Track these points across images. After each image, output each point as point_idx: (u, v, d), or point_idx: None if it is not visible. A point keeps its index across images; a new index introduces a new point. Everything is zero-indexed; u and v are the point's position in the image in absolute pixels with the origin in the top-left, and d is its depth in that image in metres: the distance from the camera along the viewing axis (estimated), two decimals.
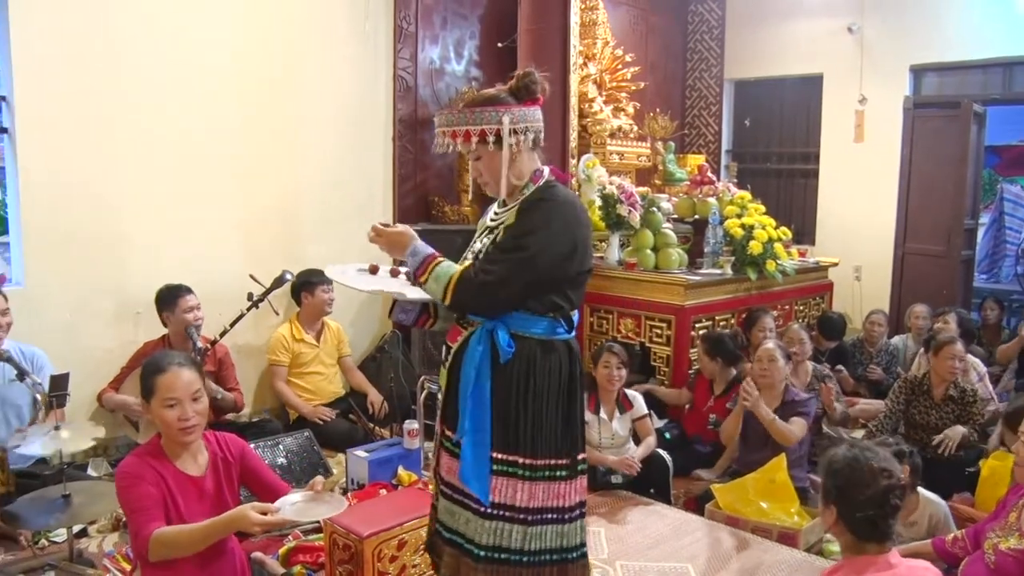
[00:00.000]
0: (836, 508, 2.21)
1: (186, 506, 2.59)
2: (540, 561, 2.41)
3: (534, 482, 2.38)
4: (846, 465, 2.20)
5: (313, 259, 5.14)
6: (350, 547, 2.99)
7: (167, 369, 2.59)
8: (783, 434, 4.16)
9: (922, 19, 6.87)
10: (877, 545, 2.18)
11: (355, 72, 5.48)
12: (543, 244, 2.31)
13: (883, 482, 2.14)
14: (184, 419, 2.56)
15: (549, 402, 2.39)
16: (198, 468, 2.67)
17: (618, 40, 6.56)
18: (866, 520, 2.15)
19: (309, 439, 4.14)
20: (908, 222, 7.04)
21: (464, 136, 2.37)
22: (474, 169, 2.48)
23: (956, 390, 4.51)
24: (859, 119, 7.20)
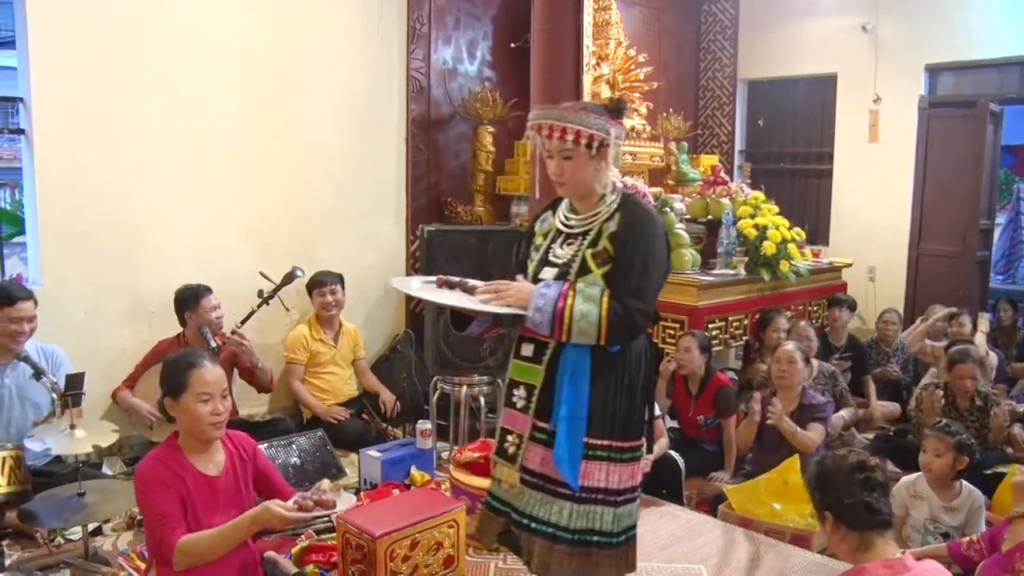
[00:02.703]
0: (829, 511, 2.26)
1: (204, 506, 2.61)
2: (626, 540, 2.58)
3: (622, 464, 2.52)
4: (819, 469, 2.34)
5: (326, 258, 5.16)
6: (363, 547, 2.99)
7: (200, 364, 2.64)
8: (804, 444, 4.16)
9: (937, 18, 6.82)
10: (880, 534, 2.20)
11: (368, 72, 5.49)
12: (659, 256, 2.49)
13: (854, 458, 2.26)
14: (216, 414, 2.62)
15: (637, 389, 2.54)
16: (216, 467, 2.70)
17: (631, 40, 6.55)
18: (859, 505, 2.20)
19: (322, 439, 4.16)
20: (923, 222, 7.00)
21: (563, 133, 2.43)
22: (556, 166, 2.51)
23: (980, 398, 4.51)
24: (873, 119, 7.15)
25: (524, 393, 2.60)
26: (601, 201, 2.53)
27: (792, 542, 3.78)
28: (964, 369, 4.48)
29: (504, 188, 5.99)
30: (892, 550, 2.20)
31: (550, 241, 2.61)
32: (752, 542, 3.82)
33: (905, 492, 3.67)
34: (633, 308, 2.40)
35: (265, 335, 4.99)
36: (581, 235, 2.53)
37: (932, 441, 3.60)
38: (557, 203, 2.70)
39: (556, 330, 2.41)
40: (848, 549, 2.24)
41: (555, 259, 2.55)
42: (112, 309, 4.49)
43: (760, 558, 3.68)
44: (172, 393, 2.64)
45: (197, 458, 2.65)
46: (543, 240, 2.64)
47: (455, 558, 3.24)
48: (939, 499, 3.58)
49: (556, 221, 2.63)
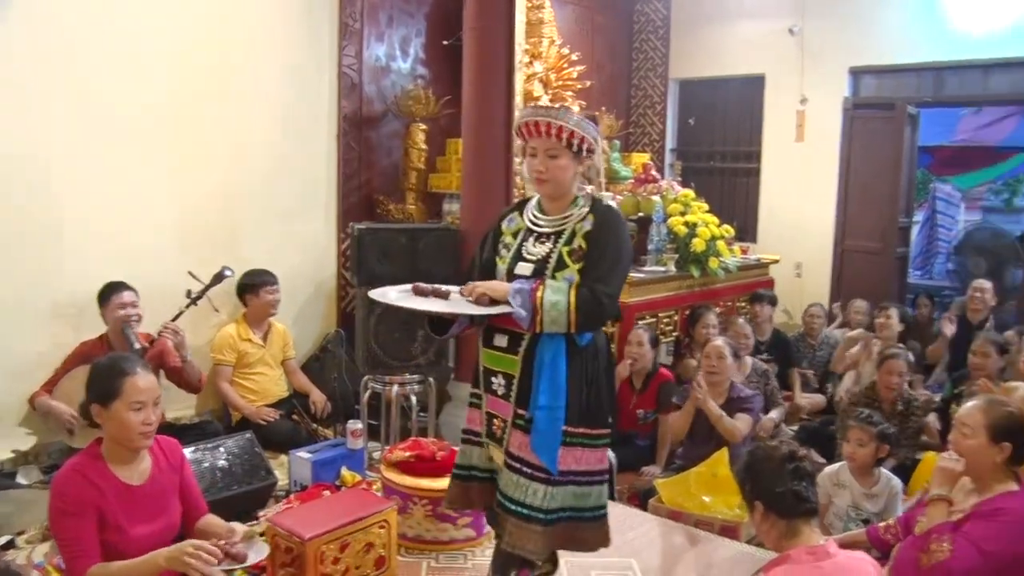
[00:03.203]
0: (760, 500, 2.31)
1: (126, 516, 2.53)
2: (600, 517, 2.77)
3: (592, 449, 2.70)
4: (751, 459, 2.41)
5: (255, 257, 5.07)
6: (292, 550, 2.96)
7: (134, 372, 2.56)
8: (730, 431, 4.23)
9: (859, 23, 7.02)
10: (807, 521, 2.27)
11: (299, 69, 5.41)
12: (627, 253, 2.69)
13: (785, 449, 2.33)
14: (147, 423, 2.54)
15: (605, 379, 2.72)
16: (140, 476, 2.62)
17: (564, 39, 6.58)
18: (789, 494, 2.25)
19: (251, 441, 4.08)
20: (847, 220, 7.21)
21: (560, 131, 2.55)
22: (540, 164, 2.61)
23: (903, 403, 4.60)
24: (800, 119, 7.33)
25: (503, 381, 2.72)
26: (573, 204, 2.68)
27: (721, 533, 3.85)
28: (894, 365, 4.56)
29: (436, 186, 5.97)
30: (817, 537, 2.26)
31: (521, 240, 2.73)
32: (682, 535, 3.87)
33: (828, 481, 3.78)
34: (600, 292, 2.53)
35: (193, 336, 4.87)
36: (554, 234, 2.67)
37: (855, 432, 3.72)
38: (522, 205, 2.83)
39: (532, 321, 2.53)
40: (776, 536, 2.29)
41: (529, 256, 2.68)
42: (29, 310, 4.33)
43: (690, 550, 3.73)
44: (101, 400, 2.54)
45: (120, 467, 2.57)
46: (513, 239, 2.76)
47: (387, 559, 3.22)
48: (860, 486, 3.70)
49: (525, 221, 2.76)
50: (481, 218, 4.62)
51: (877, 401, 4.64)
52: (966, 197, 12.21)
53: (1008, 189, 11.88)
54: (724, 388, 4.43)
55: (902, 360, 4.60)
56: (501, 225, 2.83)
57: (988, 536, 2.64)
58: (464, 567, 3.56)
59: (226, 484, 3.77)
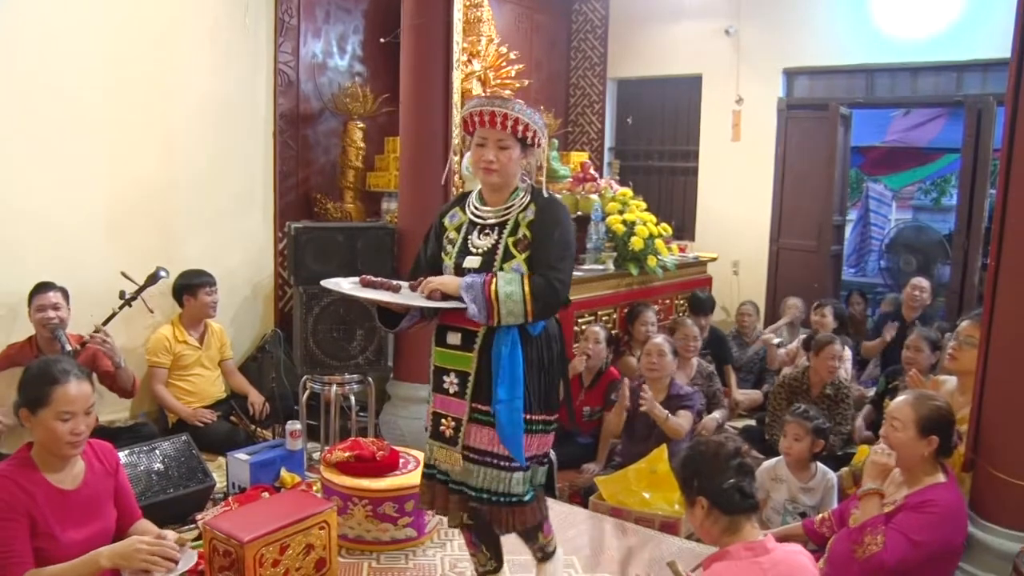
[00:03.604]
0: (705, 496, 2.32)
1: (59, 522, 2.47)
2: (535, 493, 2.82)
3: (545, 434, 2.77)
4: (694, 453, 2.41)
5: (191, 257, 4.97)
6: (230, 553, 2.92)
7: (65, 380, 2.48)
8: (674, 430, 4.28)
9: (794, 25, 7.15)
10: (748, 517, 2.30)
11: (234, 65, 5.32)
12: (573, 239, 2.70)
13: (731, 445, 2.35)
14: (76, 433, 2.47)
15: (559, 365, 2.78)
16: (73, 481, 2.56)
17: (503, 38, 6.59)
18: (734, 490, 2.28)
19: (187, 443, 4.00)
20: (782, 218, 7.34)
21: (514, 124, 2.58)
22: (491, 154, 2.61)
23: (832, 388, 4.73)
24: (736, 119, 7.44)
25: (456, 379, 2.74)
26: (514, 195, 2.70)
27: (661, 529, 3.89)
28: (832, 349, 4.70)
29: (374, 184, 5.92)
30: (756, 532, 2.29)
31: (465, 233, 2.74)
32: (622, 531, 3.91)
33: (766, 476, 3.85)
34: (552, 278, 2.57)
35: (128, 338, 4.78)
36: (497, 226, 2.68)
37: (792, 427, 3.80)
38: (462, 199, 2.83)
39: (489, 315, 2.55)
40: (717, 533, 2.32)
41: (475, 248, 2.69)
42: None
43: (631, 547, 3.77)
44: (30, 406, 2.48)
45: (52, 472, 2.51)
46: (456, 234, 2.76)
47: (327, 560, 3.20)
48: (797, 481, 3.78)
49: (467, 214, 2.76)
50: (419, 217, 4.60)
51: (806, 385, 4.79)
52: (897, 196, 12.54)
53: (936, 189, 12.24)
54: (664, 385, 4.48)
55: (837, 344, 4.76)
56: (443, 221, 2.83)
57: (917, 527, 2.72)
58: (405, 567, 3.55)
59: (162, 487, 3.70)
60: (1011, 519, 2.90)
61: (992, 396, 2.98)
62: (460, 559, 3.63)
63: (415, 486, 3.67)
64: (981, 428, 2.99)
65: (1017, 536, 2.83)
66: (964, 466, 3.05)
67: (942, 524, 2.73)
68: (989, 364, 2.98)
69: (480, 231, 2.71)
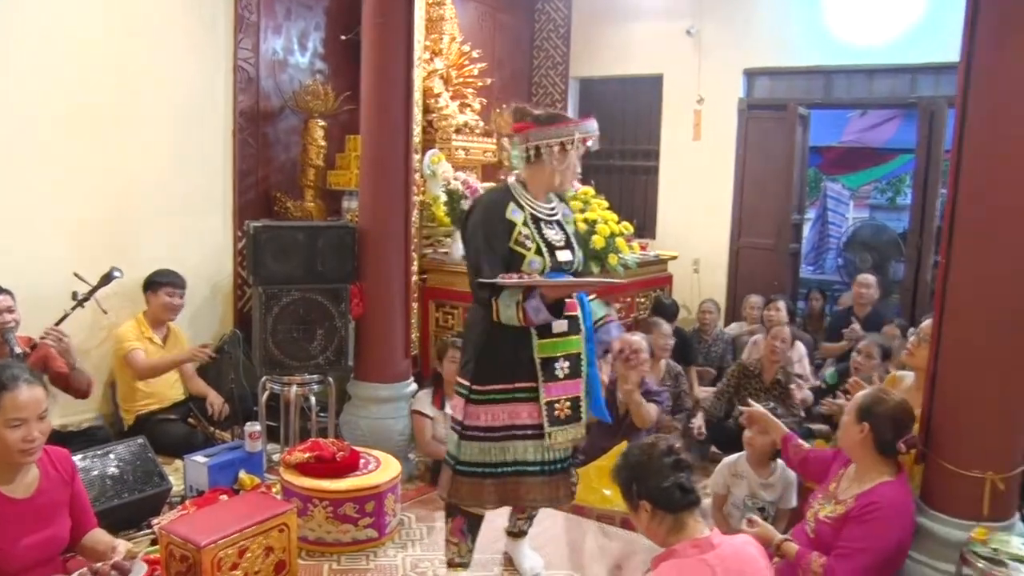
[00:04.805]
0: (647, 498, 2.33)
1: (11, 533, 2.42)
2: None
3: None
4: (630, 461, 2.43)
5: (147, 257, 4.90)
6: (187, 558, 2.88)
7: (14, 386, 2.40)
8: (643, 418, 4.36)
9: (754, 26, 7.23)
10: (691, 513, 2.32)
11: (193, 62, 5.24)
12: None
13: (662, 445, 2.38)
14: (29, 440, 2.40)
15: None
16: (26, 489, 2.50)
17: (465, 36, 6.58)
18: (674, 487, 2.30)
19: (143, 446, 3.94)
20: (742, 217, 7.42)
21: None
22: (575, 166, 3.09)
23: (783, 374, 4.87)
24: (697, 118, 7.49)
25: (567, 363, 3.03)
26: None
27: (622, 526, 3.92)
28: (780, 331, 4.97)
29: (335, 183, 5.88)
30: (702, 528, 2.31)
31: (535, 228, 3.00)
32: (584, 528, 3.93)
33: (727, 471, 3.90)
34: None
35: (81, 340, 4.69)
36: (556, 220, 3.08)
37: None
38: (506, 194, 3.05)
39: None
40: (664, 533, 2.33)
41: (557, 242, 3.04)
42: None
43: (593, 544, 3.80)
44: None
45: (2, 482, 2.45)
46: (526, 228, 2.97)
47: (287, 562, 3.18)
48: (757, 477, 3.82)
49: (527, 210, 3.01)
50: (380, 215, 4.58)
51: (758, 370, 4.96)
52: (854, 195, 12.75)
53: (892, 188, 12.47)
54: (638, 382, 4.52)
55: (787, 328, 5.02)
56: (509, 216, 2.97)
57: (861, 536, 2.79)
58: (367, 568, 3.54)
59: (116, 492, 3.64)
60: (959, 508, 2.96)
61: (942, 389, 3.04)
62: (421, 559, 3.63)
63: (376, 487, 3.68)
64: (932, 421, 3.04)
65: (964, 525, 2.89)
66: (916, 458, 3.11)
67: (886, 525, 2.79)
68: (940, 359, 3.04)
69: (546, 225, 3.03)
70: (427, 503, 4.18)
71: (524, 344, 2.97)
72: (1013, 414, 2.94)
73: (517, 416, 3.01)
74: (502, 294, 2.87)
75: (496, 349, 2.98)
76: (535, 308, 2.84)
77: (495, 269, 2.90)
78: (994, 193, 2.86)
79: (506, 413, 3.01)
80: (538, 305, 2.85)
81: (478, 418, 3.00)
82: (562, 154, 3.02)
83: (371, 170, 4.59)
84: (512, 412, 3.01)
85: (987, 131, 2.87)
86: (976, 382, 2.93)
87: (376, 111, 4.54)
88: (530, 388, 3.00)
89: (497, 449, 3.02)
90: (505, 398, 3.00)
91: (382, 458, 3.95)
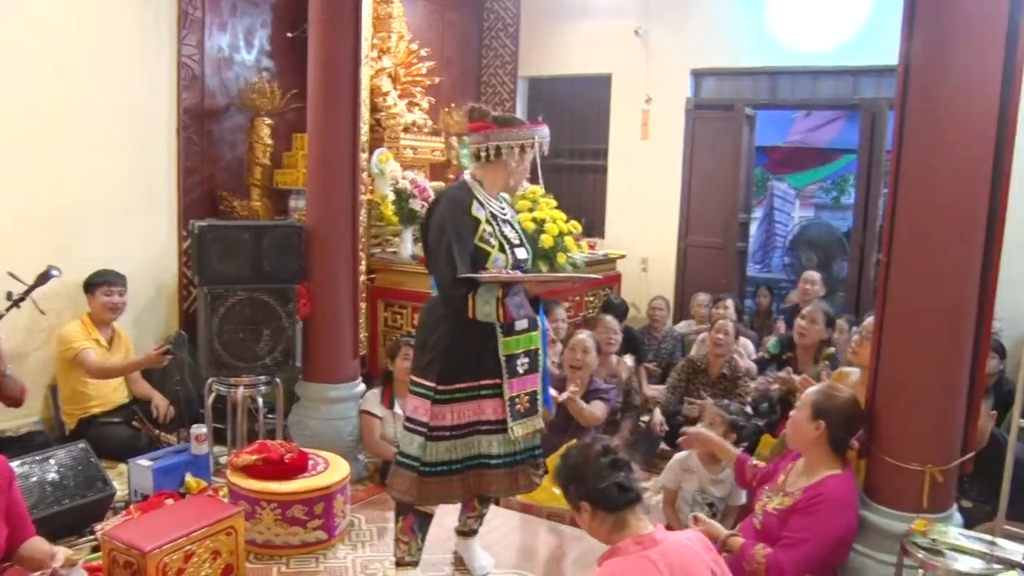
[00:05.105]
0: (586, 500, 2.35)
1: None
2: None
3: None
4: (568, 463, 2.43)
5: (90, 257, 4.80)
6: (131, 564, 2.84)
7: None
8: (588, 419, 4.39)
9: (701, 27, 7.30)
10: (632, 511, 2.33)
11: (136, 59, 5.14)
12: None
13: (598, 446, 2.40)
14: None
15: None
16: None
17: (414, 34, 6.54)
18: (613, 487, 2.31)
19: (85, 451, 3.85)
20: (690, 216, 7.49)
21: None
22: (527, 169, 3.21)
23: (728, 368, 5.00)
24: (645, 118, 7.52)
25: (527, 359, 3.13)
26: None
27: (572, 524, 3.93)
28: (723, 324, 5.10)
29: (282, 182, 5.81)
30: (644, 525, 2.33)
31: (496, 226, 3.07)
32: (534, 527, 3.94)
33: (678, 467, 3.94)
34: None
35: (18, 344, 4.57)
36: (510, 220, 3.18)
37: (710, 413, 3.97)
38: (466, 192, 3.09)
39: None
40: (606, 531, 2.34)
41: (515, 240, 3.13)
42: None
43: (543, 542, 3.81)
44: None
45: None
46: (488, 225, 3.04)
47: (235, 566, 3.15)
48: (707, 473, 3.87)
49: (487, 208, 3.08)
50: (328, 215, 4.54)
51: (705, 365, 5.10)
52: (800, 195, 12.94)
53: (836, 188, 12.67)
54: (584, 381, 4.55)
55: (730, 323, 5.14)
56: (474, 213, 3.03)
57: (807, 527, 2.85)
58: (316, 571, 3.52)
59: (56, 499, 3.56)
60: (900, 501, 3.04)
61: (884, 385, 3.10)
62: (372, 560, 3.61)
63: (325, 488, 3.65)
64: (874, 416, 3.11)
65: (905, 516, 2.96)
66: (859, 453, 3.18)
67: (831, 516, 2.85)
68: (881, 355, 3.11)
69: (504, 223, 3.12)
70: (377, 504, 4.17)
71: (490, 342, 3.02)
72: (950, 408, 3.02)
73: (482, 412, 3.07)
74: (479, 290, 2.89)
75: (463, 348, 3.01)
76: (517, 305, 2.92)
77: (467, 265, 2.93)
78: (931, 193, 2.93)
79: (471, 410, 3.06)
80: (521, 301, 2.94)
81: (444, 418, 3.03)
82: (521, 156, 3.11)
83: (318, 169, 4.55)
84: (477, 409, 3.07)
85: (924, 132, 2.95)
86: (915, 377, 3.01)
87: (323, 109, 4.50)
88: (494, 385, 3.06)
89: (462, 445, 3.08)
90: (470, 396, 3.05)
91: (331, 459, 3.92)
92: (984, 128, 2.89)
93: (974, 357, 3.03)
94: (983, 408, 3.33)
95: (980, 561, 2.62)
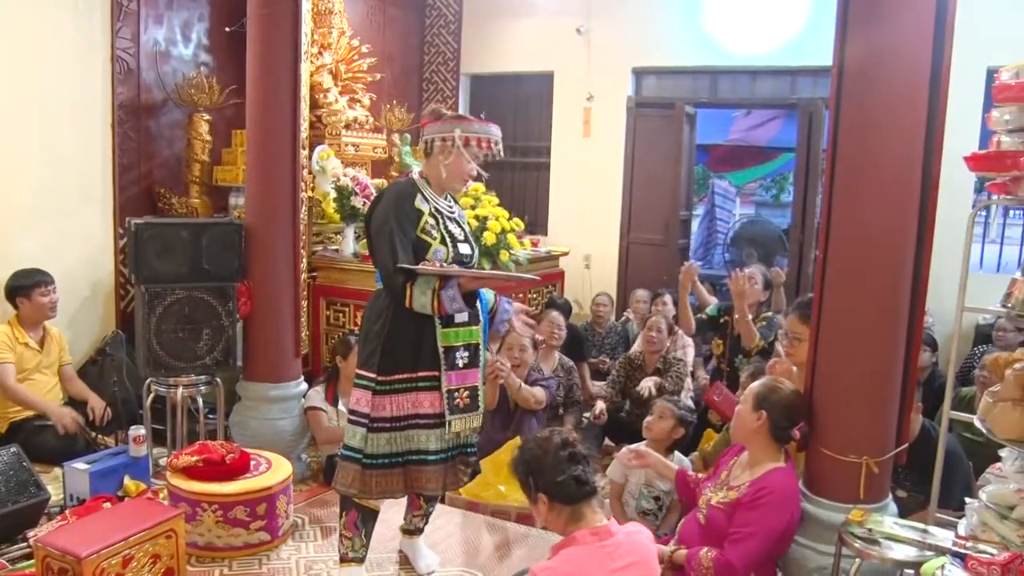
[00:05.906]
0: (544, 492, 2.37)
1: None
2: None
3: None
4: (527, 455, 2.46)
5: (22, 256, 4.66)
6: (66, 570, 2.77)
7: None
8: (527, 399, 4.44)
9: (641, 26, 7.37)
10: (588, 503, 2.36)
11: (68, 52, 5.00)
12: None
13: (556, 439, 2.43)
14: None
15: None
16: None
17: (355, 31, 6.50)
18: (570, 480, 2.34)
19: (17, 455, 3.74)
20: (632, 213, 7.57)
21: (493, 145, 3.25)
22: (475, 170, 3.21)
23: (663, 362, 5.16)
24: (587, 116, 7.60)
25: (467, 352, 3.12)
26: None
27: (517, 521, 3.96)
28: (654, 322, 5.26)
29: (222, 179, 5.72)
30: (599, 517, 2.36)
31: (439, 221, 3.09)
32: (479, 525, 3.95)
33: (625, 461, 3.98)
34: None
35: None
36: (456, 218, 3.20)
37: (660, 407, 4.03)
38: (411, 187, 3.12)
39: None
40: (563, 524, 2.38)
41: (459, 236, 3.16)
42: None
43: (489, 539, 3.82)
44: None
45: None
46: (432, 220, 3.07)
47: (175, 570, 3.11)
48: None
49: (431, 204, 3.11)
50: (268, 212, 4.48)
51: (641, 361, 5.26)
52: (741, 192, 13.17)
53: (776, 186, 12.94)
54: (523, 375, 4.57)
55: (662, 319, 5.29)
56: (418, 206, 3.05)
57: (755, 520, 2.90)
58: (259, 572, 3.49)
59: None
60: (836, 492, 3.10)
61: (821, 378, 3.17)
62: (316, 560, 3.58)
63: (268, 488, 3.62)
64: (812, 409, 3.18)
65: (842, 507, 3.03)
66: (798, 446, 3.25)
67: (776, 509, 2.91)
68: (819, 349, 3.17)
69: (448, 220, 3.14)
70: (320, 503, 4.13)
71: (428, 332, 3.04)
72: (884, 400, 3.10)
73: (420, 405, 3.08)
74: (417, 281, 2.93)
75: (401, 337, 3.03)
76: (451, 298, 2.93)
77: (408, 255, 2.96)
78: (864, 191, 3.01)
79: (409, 402, 3.07)
80: (454, 295, 2.94)
81: (384, 408, 3.04)
82: (443, 150, 3.11)
83: (258, 166, 4.49)
84: (415, 401, 3.07)
85: (857, 131, 3.02)
86: (850, 371, 3.07)
87: (263, 106, 4.44)
88: (432, 377, 3.07)
89: (402, 438, 3.08)
90: (408, 387, 3.06)
91: (273, 459, 3.88)
92: (914, 128, 2.97)
93: (907, 351, 3.11)
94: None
95: (914, 549, 2.69)
